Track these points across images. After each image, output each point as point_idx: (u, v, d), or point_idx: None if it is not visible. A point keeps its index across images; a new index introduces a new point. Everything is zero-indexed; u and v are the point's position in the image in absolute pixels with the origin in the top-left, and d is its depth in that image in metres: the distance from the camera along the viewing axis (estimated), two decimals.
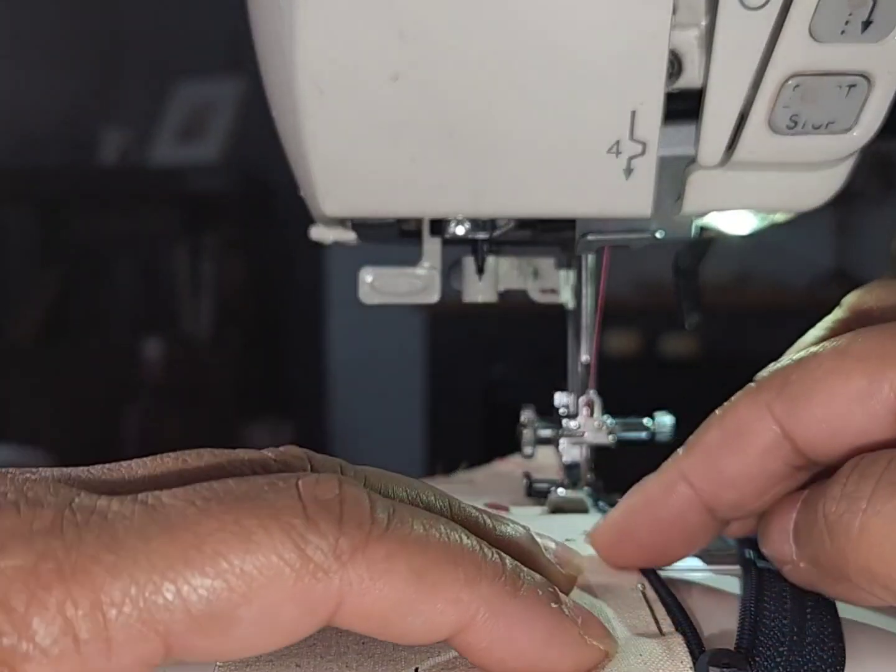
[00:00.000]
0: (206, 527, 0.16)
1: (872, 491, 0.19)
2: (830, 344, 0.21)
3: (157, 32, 2.34)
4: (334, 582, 0.16)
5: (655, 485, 0.23)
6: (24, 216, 2.35)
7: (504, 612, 0.18)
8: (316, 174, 0.27)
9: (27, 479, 0.17)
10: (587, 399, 0.33)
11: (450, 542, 0.18)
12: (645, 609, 0.22)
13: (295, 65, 0.26)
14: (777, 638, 0.20)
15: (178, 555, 0.16)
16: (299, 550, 0.16)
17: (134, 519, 0.16)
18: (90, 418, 2.12)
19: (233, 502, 0.17)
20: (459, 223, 0.30)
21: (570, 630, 0.18)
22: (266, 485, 0.17)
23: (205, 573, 0.16)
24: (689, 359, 1.95)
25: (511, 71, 0.26)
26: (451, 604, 0.17)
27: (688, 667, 0.19)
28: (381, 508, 0.17)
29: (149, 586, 0.16)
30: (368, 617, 0.17)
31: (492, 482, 0.36)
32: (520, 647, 0.18)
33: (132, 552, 0.16)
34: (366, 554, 0.17)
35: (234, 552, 0.16)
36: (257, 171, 2.17)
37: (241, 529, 0.16)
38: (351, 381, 2.29)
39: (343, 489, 0.17)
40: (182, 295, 2.22)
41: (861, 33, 0.25)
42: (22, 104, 2.22)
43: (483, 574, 0.18)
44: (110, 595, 0.15)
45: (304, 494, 0.17)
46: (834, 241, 2.04)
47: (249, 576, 0.16)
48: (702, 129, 0.27)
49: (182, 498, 0.17)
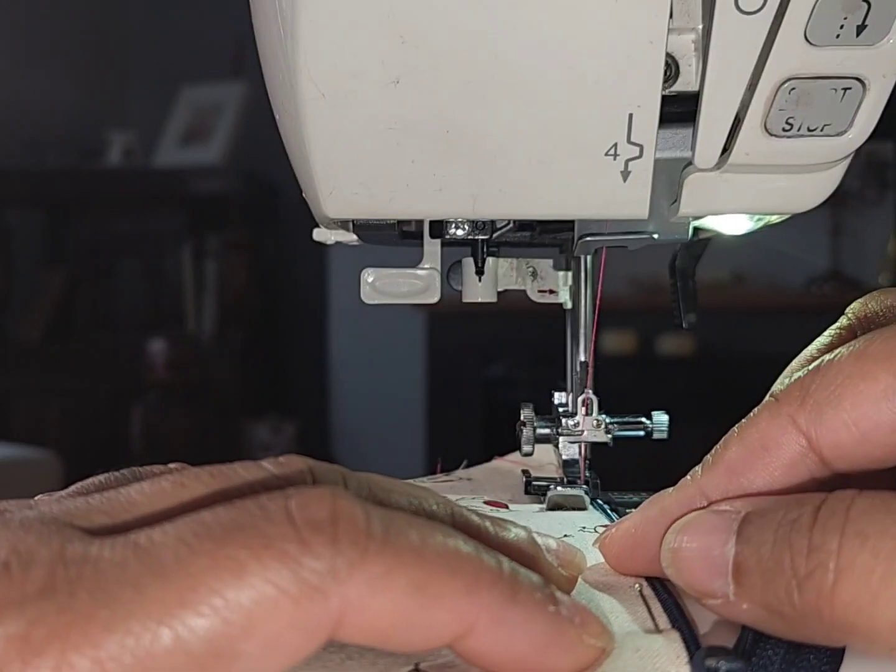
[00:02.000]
0: (198, 566, 0.16)
1: (839, 544, 0.18)
2: (846, 349, 0.21)
3: (162, 37, 2.35)
4: (333, 602, 0.16)
5: (673, 501, 0.23)
6: (31, 217, 2.36)
7: (503, 618, 0.18)
8: (318, 176, 0.28)
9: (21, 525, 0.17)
10: (585, 398, 0.33)
11: (448, 552, 0.18)
12: (642, 606, 0.22)
13: (297, 69, 0.26)
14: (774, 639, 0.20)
15: (173, 599, 0.16)
16: (295, 575, 0.16)
17: (127, 567, 0.16)
18: (96, 417, 2.13)
19: (224, 536, 0.16)
20: (459, 225, 0.30)
21: (568, 632, 0.19)
22: (257, 510, 0.17)
23: (201, 614, 0.16)
24: (685, 357, 1.95)
25: (510, 74, 0.26)
26: (450, 613, 0.17)
27: (684, 662, 0.19)
28: (377, 521, 0.17)
29: (146, 636, 0.15)
30: (369, 631, 0.17)
31: (491, 480, 0.36)
32: (519, 650, 0.18)
33: (127, 604, 0.16)
34: (363, 570, 0.16)
35: (229, 587, 0.16)
36: (260, 174, 2.17)
37: (235, 564, 0.16)
38: (352, 379, 2.29)
39: (336, 505, 0.17)
40: (186, 295, 2.23)
41: (855, 37, 0.25)
42: (29, 107, 2.23)
43: (482, 582, 0.18)
44: (107, 651, 0.15)
45: (297, 517, 0.17)
46: (828, 241, 2.03)
47: (247, 609, 0.16)
48: (698, 132, 0.27)
49: (174, 536, 0.17)
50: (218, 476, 0.19)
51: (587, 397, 0.33)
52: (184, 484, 0.19)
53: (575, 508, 0.32)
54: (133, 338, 2.14)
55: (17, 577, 0.16)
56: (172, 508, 0.18)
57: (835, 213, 2.00)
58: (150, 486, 0.19)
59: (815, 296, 1.99)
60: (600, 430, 0.33)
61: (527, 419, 0.34)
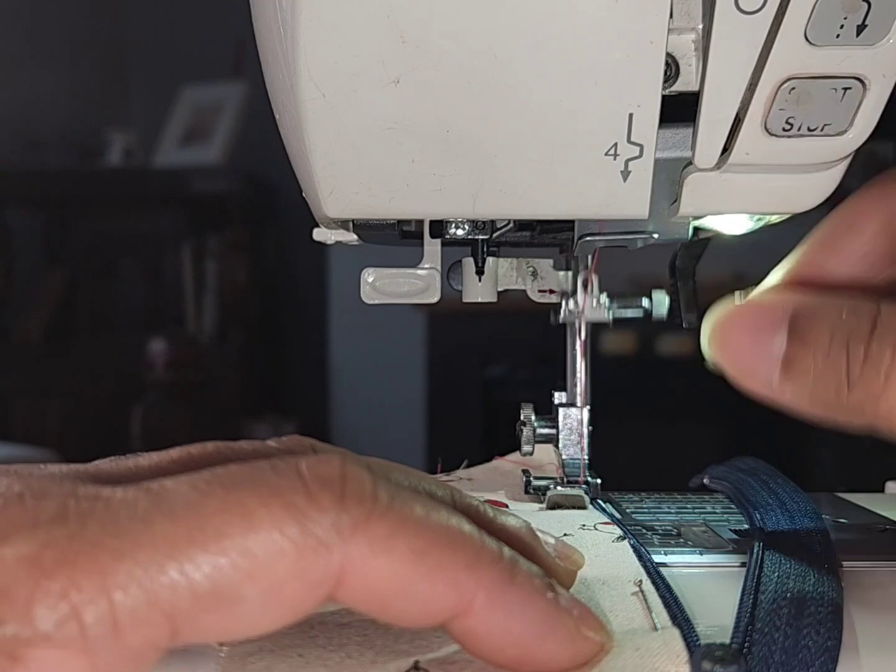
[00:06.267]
0: (208, 508, 0.16)
1: (892, 358, 0.20)
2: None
3: (162, 37, 2.35)
4: (335, 557, 0.17)
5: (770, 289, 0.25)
6: (31, 217, 2.36)
7: (501, 599, 0.18)
8: (318, 176, 0.28)
9: (33, 474, 0.18)
10: (586, 277, 0.32)
11: (450, 526, 0.18)
12: (642, 603, 0.22)
13: (297, 69, 0.26)
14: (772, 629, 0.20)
15: (181, 536, 0.16)
16: (301, 527, 0.16)
17: (137, 505, 0.17)
18: (96, 417, 2.12)
19: (234, 485, 0.17)
20: (459, 225, 0.30)
21: (566, 620, 0.19)
22: (269, 467, 0.17)
23: (208, 552, 0.16)
24: (685, 357, 1.95)
25: (509, 74, 0.26)
26: (449, 586, 0.17)
27: (684, 661, 0.19)
28: (384, 489, 0.18)
29: (153, 568, 0.16)
30: (368, 594, 0.17)
31: (491, 479, 0.36)
32: (516, 634, 0.18)
33: (136, 536, 0.16)
34: (367, 530, 0.17)
35: (237, 530, 0.16)
36: (260, 174, 2.17)
37: (243, 509, 0.16)
38: (352, 379, 2.29)
39: (346, 468, 0.18)
40: (186, 295, 2.23)
41: (856, 37, 0.25)
42: (30, 108, 2.23)
43: (481, 560, 0.18)
44: (115, 579, 0.16)
45: (306, 473, 0.17)
46: None
47: (252, 553, 0.16)
48: (698, 132, 0.27)
49: (185, 483, 0.17)
50: (224, 446, 0.20)
51: (588, 277, 0.32)
52: (190, 452, 0.20)
53: (575, 508, 0.32)
54: (133, 338, 2.14)
55: (30, 506, 0.16)
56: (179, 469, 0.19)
57: None
58: (158, 453, 0.20)
59: None
60: (600, 310, 0.33)
61: (527, 419, 0.34)
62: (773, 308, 0.23)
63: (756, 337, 0.22)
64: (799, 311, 0.22)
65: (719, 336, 0.23)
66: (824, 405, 0.21)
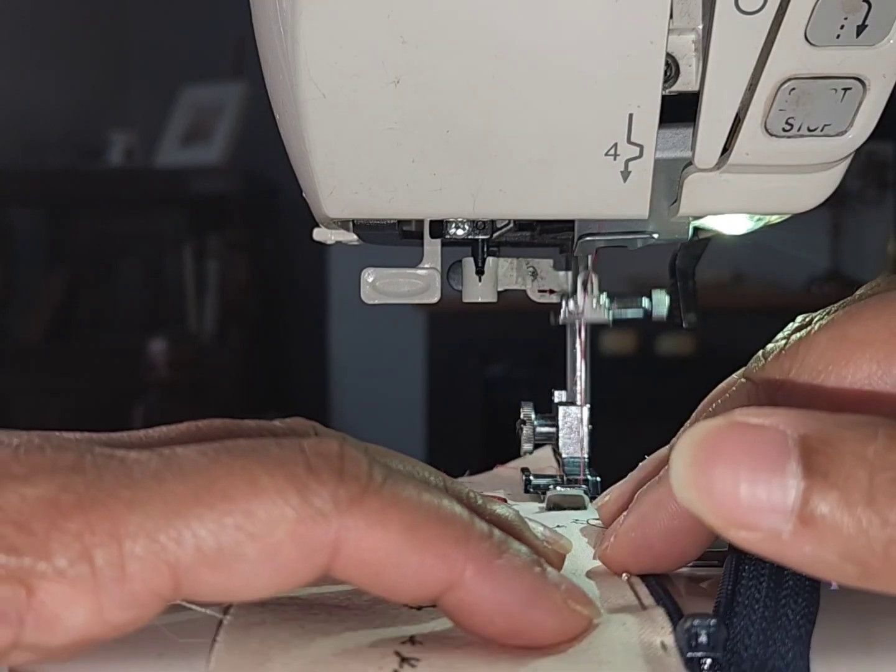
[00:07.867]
0: (215, 472, 0.18)
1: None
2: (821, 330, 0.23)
3: (162, 37, 2.35)
4: (332, 527, 0.18)
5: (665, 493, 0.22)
6: (31, 217, 2.36)
7: (489, 571, 0.19)
8: (318, 176, 0.28)
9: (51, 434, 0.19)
10: (586, 277, 0.32)
11: (441, 505, 0.19)
12: (629, 592, 0.23)
13: (297, 69, 0.26)
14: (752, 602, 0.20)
15: (189, 494, 0.17)
16: (301, 496, 0.17)
17: (150, 464, 0.18)
18: (96, 417, 2.12)
19: (241, 454, 0.18)
20: (459, 225, 0.30)
21: (553, 593, 0.19)
22: (273, 442, 0.19)
23: (213, 511, 0.17)
24: (685, 357, 1.95)
25: (510, 74, 0.26)
26: (439, 558, 0.18)
27: (668, 632, 0.20)
28: (379, 470, 0.19)
29: (161, 521, 0.17)
30: (362, 565, 0.18)
31: (491, 482, 0.37)
32: (504, 605, 0.19)
33: (147, 491, 0.17)
34: (362, 505, 0.18)
35: (242, 494, 0.17)
36: (261, 174, 2.17)
37: (249, 475, 0.18)
38: (352, 379, 2.29)
39: (345, 448, 0.19)
40: (187, 295, 2.23)
41: (856, 37, 0.25)
42: (30, 108, 2.23)
43: (471, 535, 0.19)
44: (126, 527, 0.17)
45: (308, 450, 0.18)
46: (828, 241, 2.04)
47: (255, 516, 0.17)
48: (698, 132, 0.27)
49: (195, 450, 0.18)
50: (231, 423, 0.21)
51: (588, 277, 0.32)
52: (199, 426, 0.21)
53: (574, 508, 0.32)
54: (134, 338, 2.14)
55: (49, 454, 0.18)
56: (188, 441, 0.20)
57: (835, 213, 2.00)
58: (167, 427, 0.21)
59: (815, 296, 1.99)
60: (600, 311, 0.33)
61: (526, 417, 0.34)
62: (772, 431, 0.16)
63: (754, 476, 0.16)
64: (810, 437, 0.16)
65: (698, 476, 0.16)
66: (863, 566, 0.15)
